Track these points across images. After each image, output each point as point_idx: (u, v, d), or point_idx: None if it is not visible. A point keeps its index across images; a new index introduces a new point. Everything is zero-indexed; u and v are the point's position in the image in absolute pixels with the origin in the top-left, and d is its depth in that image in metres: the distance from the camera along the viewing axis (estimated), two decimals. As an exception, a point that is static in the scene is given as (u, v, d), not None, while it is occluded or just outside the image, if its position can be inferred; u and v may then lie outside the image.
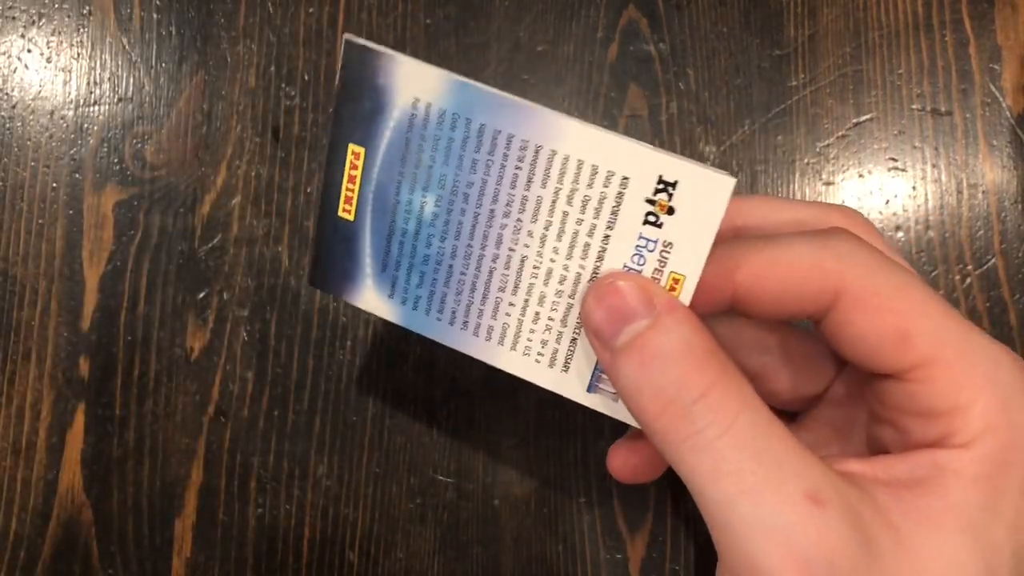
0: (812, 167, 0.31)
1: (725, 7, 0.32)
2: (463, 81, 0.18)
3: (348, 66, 0.19)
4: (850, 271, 0.18)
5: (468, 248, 0.20)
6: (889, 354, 0.18)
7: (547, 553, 0.29)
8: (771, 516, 0.16)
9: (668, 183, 0.17)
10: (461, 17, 0.32)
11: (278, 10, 0.32)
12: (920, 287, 0.18)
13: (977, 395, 0.17)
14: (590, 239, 0.19)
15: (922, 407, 0.18)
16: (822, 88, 0.31)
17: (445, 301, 0.21)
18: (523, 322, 0.20)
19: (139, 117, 0.31)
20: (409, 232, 0.20)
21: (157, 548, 0.30)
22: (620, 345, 0.18)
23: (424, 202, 0.20)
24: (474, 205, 0.19)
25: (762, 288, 0.19)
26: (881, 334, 0.18)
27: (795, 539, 0.16)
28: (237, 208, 0.31)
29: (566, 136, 0.18)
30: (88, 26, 0.32)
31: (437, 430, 0.30)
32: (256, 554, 0.30)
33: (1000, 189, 0.31)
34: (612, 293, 0.18)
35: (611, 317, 0.18)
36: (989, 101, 0.31)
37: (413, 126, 0.19)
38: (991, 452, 0.17)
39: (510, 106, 0.18)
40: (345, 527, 0.29)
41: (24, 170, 0.31)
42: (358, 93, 0.19)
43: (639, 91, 0.31)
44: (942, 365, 0.17)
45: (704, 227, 0.18)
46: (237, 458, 0.30)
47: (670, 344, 0.17)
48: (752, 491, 0.16)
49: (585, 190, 0.18)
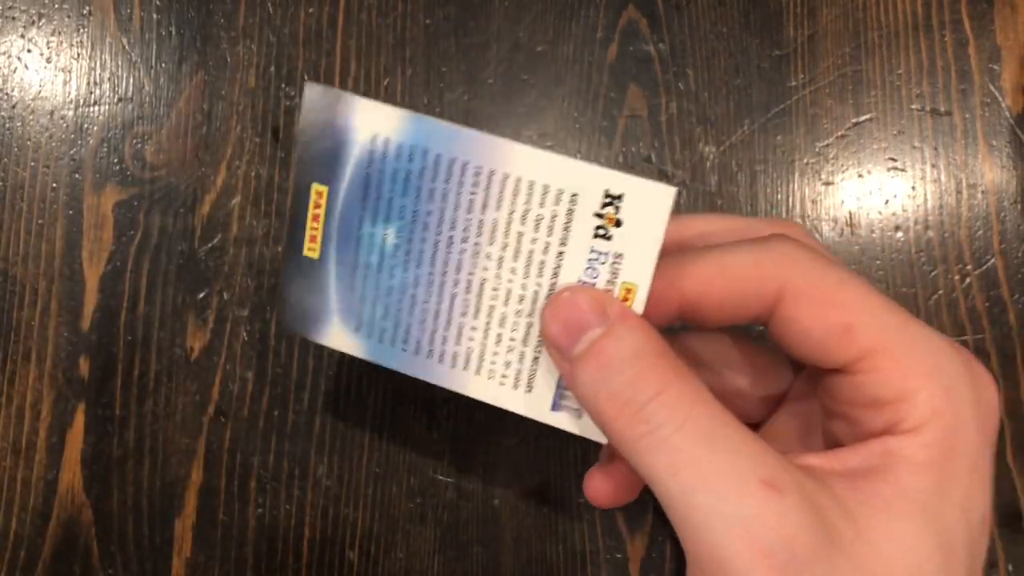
0: (811, 167, 0.31)
1: (725, 7, 0.32)
2: (419, 116, 0.19)
3: (308, 109, 0.20)
4: (790, 271, 0.19)
5: (430, 275, 0.21)
6: (834, 347, 0.18)
7: (547, 553, 0.29)
8: (729, 504, 0.16)
9: (614, 196, 0.19)
10: (461, 17, 0.32)
11: (278, 10, 0.32)
12: (859, 283, 0.19)
13: (921, 382, 0.18)
14: (545, 256, 0.20)
15: (869, 397, 0.18)
16: (822, 88, 0.31)
17: (410, 331, 0.21)
18: (486, 345, 0.21)
19: (139, 117, 0.31)
20: (372, 265, 0.21)
21: (157, 548, 0.30)
22: (577, 354, 0.18)
23: (386, 234, 0.21)
24: (434, 232, 0.20)
25: (708, 295, 0.19)
26: (825, 328, 0.18)
27: (754, 527, 0.16)
28: (237, 208, 0.31)
29: (516, 160, 0.19)
30: (88, 26, 0.32)
31: (437, 430, 0.30)
32: (256, 554, 0.30)
33: (999, 189, 0.31)
34: (567, 306, 0.19)
35: (567, 329, 0.19)
36: (988, 101, 0.31)
37: (373, 161, 0.20)
38: (938, 437, 0.17)
39: (463, 136, 0.19)
40: (345, 527, 0.29)
41: (24, 170, 0.31)
42: (319, 134, 0.20)
43: (639, 91, 0.31)
44: (885, 355, 0.18)
45: (650, 236, 0.19)
46: (237, 458, 0.30)
47: (624, 349, 0.18)
48: (708, 480, 0.17)
49: (537, 209, 0.19)
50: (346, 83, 0.32)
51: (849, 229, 0.31)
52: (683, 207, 0.31)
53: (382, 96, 0.31)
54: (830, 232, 0.31)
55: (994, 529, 0.29)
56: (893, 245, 0.31)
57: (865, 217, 0.31)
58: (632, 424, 0.17)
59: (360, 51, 0.32)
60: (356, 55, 0.32)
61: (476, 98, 0.32)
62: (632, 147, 0.31)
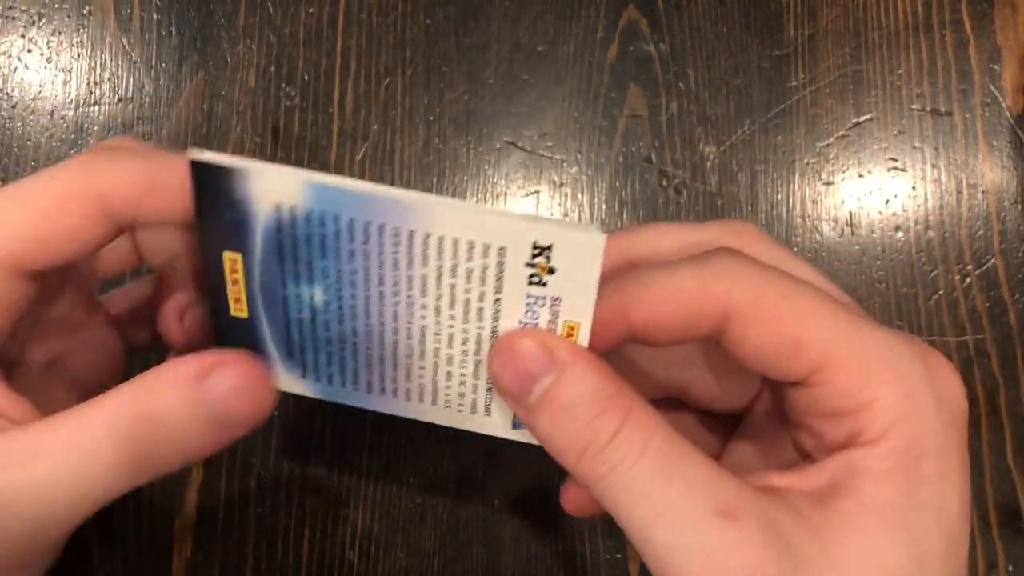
0: (812, 167, 0.31)
1: (725, 7, 0.32)
2: (322, 184, 0.18)
3: (199, 186, 0.18)
4: (735, 288, 0.18)
5: (367, 326, 0.20)
6: (785, 363, 0.18)
7: (547, 553, 0.29)
8: (686, 535, 0.16)
9: (543, 247, 0.18)
10: (461, 17, 0.32)
11: (278, 10, 0.32)
12: (808, 293, 0.18)
13: (879, 390, 0.17)
14: (482, 303, 0.19)
15: (828, 409, 0.18)
16: (822, 88, 0.31)
17: (358, 373, 0.21)
18: (437, 381, 0.20)
19: (139, 117, 0.31)
20: (305, 320, 0.20)
21: (157, 548, 0.30)
22: (532, 403, 0.18)
23: (313, 292, 0.20)
24: (363, 289, 0.19)
25: (655, 320, 0.19)
26: (775, 344, 0.18)
27: (714, 557, 0.16)
28: (237, 208, 0.31)
29: (434, 219, 0.18)
30: (88, 26, 0.32)
31: (437, 430, 0.30)
32: (256, 554, 0.30)
33: (1000, 189, 0.31)
34: (515, 357, 0.19)
35: (518, 380, 0.18)
36: (989, 101, 0.31)
37: (282, 228, 0.19)
38: (901, 444, 0.17)
39: (376, 199, 0.18)
40: (345, 527, 0.29)
41: (24, 170, 0.31)
42: (217, 208, 0.19)
43: (639, 91, 0.31)
44: (839, 366, 0.18)
45: (586, 280, 0.18)
46: (237, 458, 0.30)
47: (578, 393, 0.18)
48: (665, 514, 0.17)
49: (466, 263, 0.19)
50: (346, 83, 0.31)
51: (849, 229, 0.31)
52: (683, 207, 0.31)
53: (383, 96, 0.31)
54: (830, 232, 0.31)
55: (994, 529, 0.29)
56: (893, 245, 0.31)
57: (865, 217, 0.31)
58: (593, 466, 0.17)
59: (360, 51, 0.32)
60: (356, 55, 0.32)
61: (476, 98, 0.32)
62: (632, 147, 0.31)
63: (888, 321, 0.30)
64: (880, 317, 0.30)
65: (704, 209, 0.31)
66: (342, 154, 0.31)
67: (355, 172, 0.31)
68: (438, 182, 0.31)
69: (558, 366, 0.18)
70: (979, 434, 0.29)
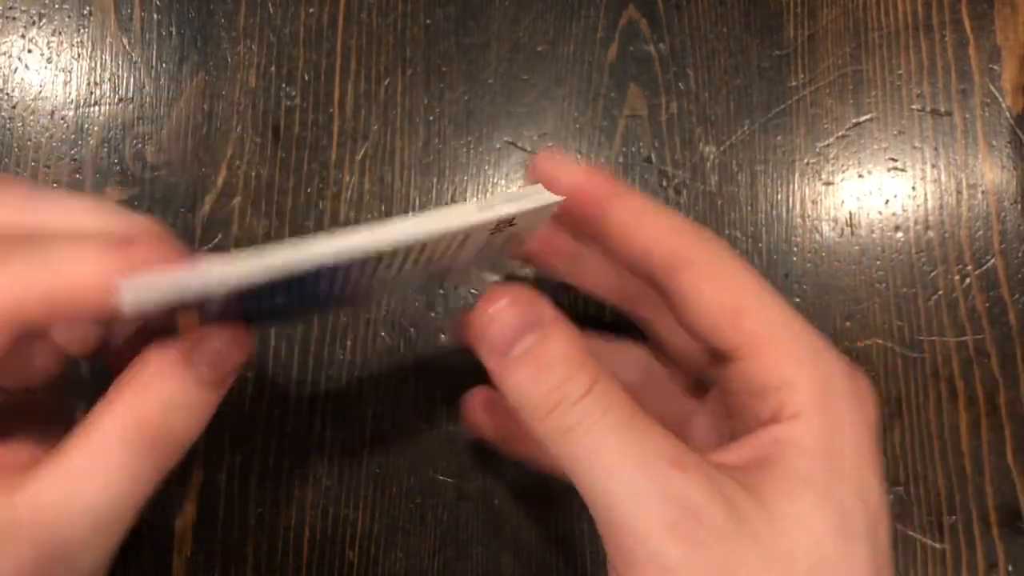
0: (812, 167, 0.31)
1: (725, 7, 0.32)
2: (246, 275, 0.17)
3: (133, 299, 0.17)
4: (702, 246, 0.21)
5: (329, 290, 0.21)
6: (724, 326, 0.20)
7: (547, 553, 0.29)
8: (641, 482, 0.18)
9: (505, 220, 0.19)
10: (461, 17, 0.32)
11: (278, 10, 0.32)
12: (755, 275, 0.20)
13: (801, 371, 0.19)
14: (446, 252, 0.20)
15: (755, 384, 0.20)
16: (822, 88, 0.31)
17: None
18: (397, 280, 0.22)
19: (139, 117, 0.32)
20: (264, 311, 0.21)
21: (157, 548, 0.30)
22: (515, 356, 0.19)
23: (272, 306, 0.21)
24: (323, 289, 0.20)
25: (630, 228, 0.21)
26: (720, 304, 0.20)
27: (663, 500, 0.18)
28: (237, 208, 0.31)
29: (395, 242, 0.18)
30: (88, 26, 0.32)
31: (437, 430, 0.30)
32: (256, 554, 0.30)
33: (1000, 189, 0.31)
34: (507, 310, 0.20)
35: (504, 335, 0.20)
36: (989, 101, 0.31)
37: (229, 297, 0.18)
38: (821, 423, 0.19)
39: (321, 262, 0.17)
40: (345, 527, 0.30)
41: (24, 170, 0.31)
42: (155, 309, 0.18)
43: (639, 91, 0.31)
44: (769, 342, 0.20)
45: (541, 220, 0.20)
46: (237, 458, 0.30)
47: (558, 355, 0.19)
48: (624, 463, 0.18)
49: (429, 252, 0.20)
50: (346, 83, 0.31)
51: (849, 229, 0.31)
52: (683, 207, 0.31)
53: (382, 96, 0.32)
54: (830, 232, 0.31)
55: (994, 529, 0.29)
56: (893, 245, 0.31)
57: (865, 217, 0.31)
58: (563, 419, 0.19)
59: (360, 51, 0.32)
60: (356, 55, 0.32)
61: (476, 98, 0.32)
62: (632, 147, 0.31)
63: (888, 321, 0.30)
64: (880, 317, 0.30)
65: (704, 209, 0.31)
66: (342, 154, 0.31)
67: (355, 172, 0.31)
68: (438, 182, 0.31)
69: (543, 326, 0.19)
70: (979, 434, 0.29)
